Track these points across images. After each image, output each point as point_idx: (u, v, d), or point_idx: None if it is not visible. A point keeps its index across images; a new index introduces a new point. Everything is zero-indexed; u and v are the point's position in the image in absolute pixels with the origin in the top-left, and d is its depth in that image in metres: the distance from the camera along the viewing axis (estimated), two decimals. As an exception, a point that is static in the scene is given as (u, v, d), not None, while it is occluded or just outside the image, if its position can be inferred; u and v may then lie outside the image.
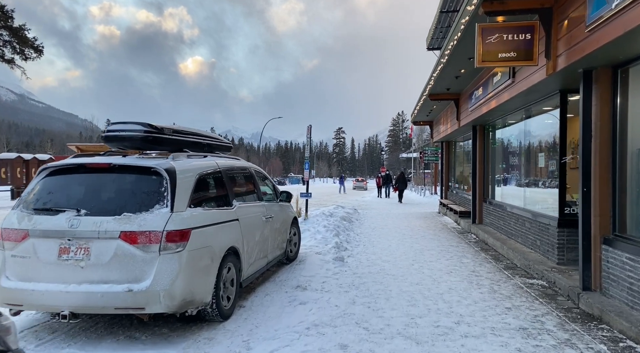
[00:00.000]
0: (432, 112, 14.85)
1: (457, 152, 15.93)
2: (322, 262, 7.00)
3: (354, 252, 8.13)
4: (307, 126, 10.45)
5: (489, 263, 7.26)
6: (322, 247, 8.16)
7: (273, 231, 6.10)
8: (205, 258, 4.09)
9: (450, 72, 8.85)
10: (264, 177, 6.57)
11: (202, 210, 4.24)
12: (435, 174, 30.57)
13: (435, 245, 9.11)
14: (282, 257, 6.75)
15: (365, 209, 18.42)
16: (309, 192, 10.52)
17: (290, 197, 6.86)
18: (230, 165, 5.23)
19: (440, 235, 10.64)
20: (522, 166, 8.07)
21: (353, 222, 12.75)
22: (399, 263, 7.18)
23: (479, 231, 10.06)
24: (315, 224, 9.91)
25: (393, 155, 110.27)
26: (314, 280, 5.96)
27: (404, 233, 10.83)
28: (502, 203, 9.24)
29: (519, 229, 7.98)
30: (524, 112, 7.90)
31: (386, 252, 8.27)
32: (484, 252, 8.25)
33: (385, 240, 9.79)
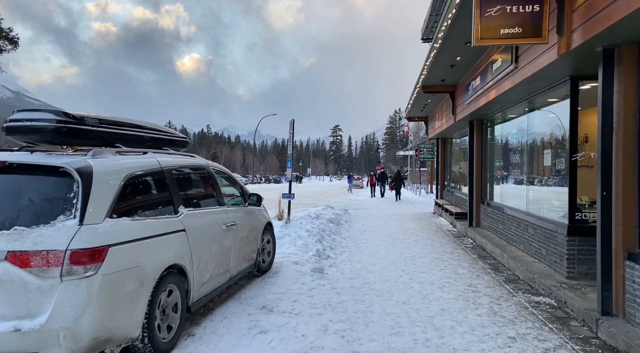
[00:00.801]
0: (427, 107, 14.00)
1: (453, 150, 15.09)
2: (298, 274, 6.14)
3: (337, 261, 7.28)
4: (290, 121, 9.59)
5: (487, 274, 6.42)
6: (301, 255, 7.31)
7: (238, 241, 5.24)
8: (131, 282, 3.22)
9: (444, 60, 7.99)
10: (228, 178, 5.70)
11: (130, 221, 3.37)
12: (431, 172, 29.75)
13: (428, 251, 8.27)
14: (252, 269, 5.90)
15: (357, 209, 17.58)
16: (292, 192, 9.66)
17: (260, 200, 5.99)
18: (178, 164, 4.36)
19: (434, 239, 9.80)
20: (525, 164, 7.23)
21: (341, 224, 11.90)
22: (386, 275, 6.33)
23: (476, 235, 9.22)
24: (298, 228, 9.06)
25: (390, 153, 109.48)
26: (284, 298, 5.10)
27: (395, 237, 9.98)
28: (502, 205, 8.40)
29: (520, 235, 7.14)
30: (526, 105, 7.06)
31: (373, 260, 7.42)
32: (482, 261, 7.41)
33: (374, 245, 8.94)
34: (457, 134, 13.85)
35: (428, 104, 13.38)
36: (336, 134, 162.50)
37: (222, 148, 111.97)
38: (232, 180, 5.74)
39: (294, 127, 9.58)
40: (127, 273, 3.18)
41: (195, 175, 4.82)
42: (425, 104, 13.41)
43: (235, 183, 5.80)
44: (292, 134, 9.57)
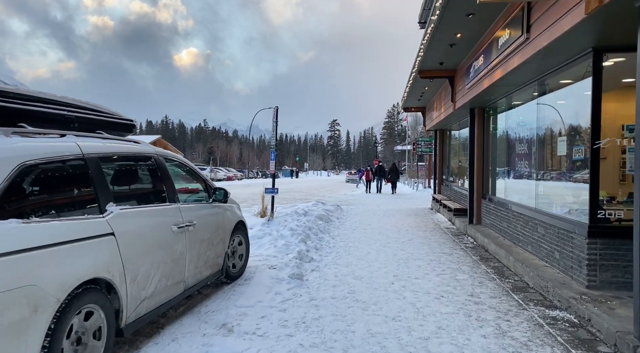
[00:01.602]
0: (424, 96, 13.13)
1: (452, 142, 14.23)
2: (273, 282, 5.29)
3: (321, 264, 6.44)
4: (273, 108, 8.72)
5: (491, 281, 5.58)
6: (280, 257, 6.46)
7: (196, 244, 4.39)
8: (16, 308, 2.37)
9: (443, 38, 7.12)
10: (189, 170, 4.84)
11: (20, 225, 2.51)
12: (429, 167, 28.92)
13: (424, 252, 7.44)
14: (218, 275, 5.06)
15: (350, 205, 16.74)
16: (275, 187, 8.80)
17: (226, 195, 5.14)
18: (109, 151, 3.50)
19: (431, 237, 8.96)
20: (533, 155, 6.38)
21: (332, 221, 11.06)
22: (376, 281, 5.49)
23: (477, 234, 8.39)
24: (281, 226, 8.21)
25: (388, 147, 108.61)
26: (250, 314, 4.27)
27: (389, 236, 9.14)
28: (506, 201, 7.57)
29: (528, 235, 6.31)
30: (536, 87, 6.20)
31: (363, 262, 6.59)
32: (485, 263, 6.58)
33: (365, 245, 8.11)
34: (456, 125, 12.99)
35: (425, 92, 12.50)
36: (334, 128, 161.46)
37: (218, 142, 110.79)
38: (193, 172, 4.88)
39: (277, 116, 8.71)
40: (8, 297, 2.33)
41: (136, 166, 3.96)
42: (423, 93, 12.54)
43: (197, 177, 4.94)
44: (275, 123, 8.70)
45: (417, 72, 9.50)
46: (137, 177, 3.94)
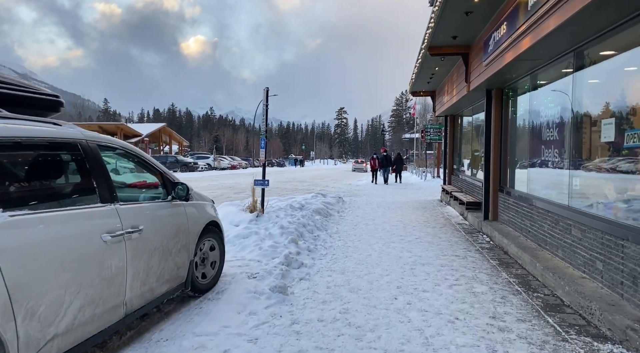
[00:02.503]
0: (434, 78, 12.00)
1: (463, 129, 13.12)
2: (250, 297, 4.34)
3: (312, 271, 5.48)
4: (264, 89, 7.71)
5: (516, 295, 4.59)
6: (265, 262, 5.52)
7: (144, 255, 3.44)
8: None
9: (458, 3, 6.03)
10: (139, 160, 3.86)
11: None
12: (438, 155, 27.77)
13: (433, 254, 6.45)
14: (179, 290, 4.12)
15: (354, 196, 15.75)
16: (266, 179, 7.83)
17: (188, 192, 4.15)
18: (7, 136, 2.52)
19: (441, 236, 7.96)
20: (567, 142, 5.32)
21: (331, 215, 10.09)
22: (375, 295, 4.53)
23: (493, 232, 7.38)
24: (271, 223, 7.25)
25: (396, 135, 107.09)
26: (209, 346, 3.32)
27: (394, 233, 8.16)
28: (530, 196, 6.53)
29: (559, 237, 5.29)
30: (572, 59, 5.12)
31: (362, 268, 5.62)
32: (506, 270, 5.58)
33: (366, 244, 7.14)
34: (468, 110, 11.88)
35: (436, 74, 11.38)
36: (341, 116, 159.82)
37: (224, 131, 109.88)
38: (144, 163, 3.91)
39: (267, 98, 7.69)
40: None
41: (51, 156, 2.99)
42: (433, 74, 11.42)
43: (151, 169, 3.97)
44: (266, 106, 7.69)
45: (426, 48, 8.40)
46: (50, 171, 2.98)
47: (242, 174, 33.59)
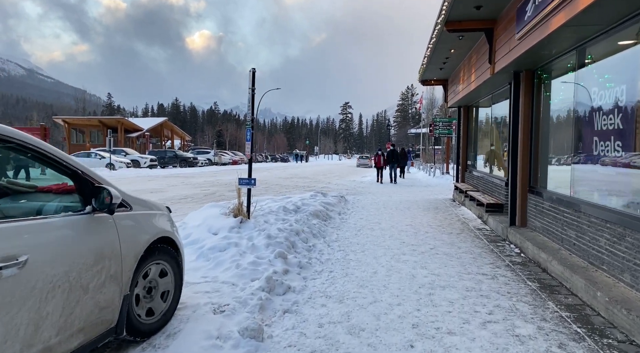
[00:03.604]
0: (448, 63, 10.69)
1: (480, 121, 11.81)
2: (209, 346, 3.12)
3: (301, 298, 4.26)
4: (249, 70, 6.46)
5: (579, 341, 3.33)
6: (240, 287, 4.29)
7: (31, 300, 2.23)
8: None
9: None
10: (36, 155, 2.61)
11: None
12: (447, 150, 26.41)
13: (454, 271, 5.21)
14: (107, 337, 2.90)
15: (358, 194, 14.50)
16: (252, 177, 6.59)
17: (111, 200, 2.88)
18: None
19: (460, 245, 6.71)
20: (632, 132, 4.04)
21: (331, 219, 8.85)
22: (383, 342, 3.30)
23: (524, 242, 6.13)
24: (257, 231, 6.02)
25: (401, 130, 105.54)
26: None
27: (404, 241, 6.92)
28: (575, 200, 5.26)
29: (626, 257, 4.02)
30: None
31: (366, 293, 4.39)
32: (551, 297, 4.33)
33: (371, 257, 5.91)
34: (486, 100, 10.57)
35: (450, 57, 10.07)
36: (346, 111, 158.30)
37: (227, 126, 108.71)
38: (47, 159, 2.67)
39: (253, 81, 6.45)
40: None
41: None
42: (447, 58, 10.11)
43: (57, 165, 2.73)
44: (252, 91, 6.44)
45: (443, 23, 7.11)
46: None
47: (243, 170, 32.38)
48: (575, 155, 5.36)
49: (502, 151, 9.22)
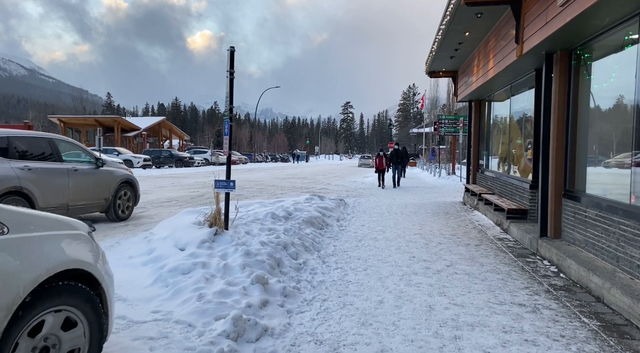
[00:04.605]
0: (461, 50, 9.52)
1: (495, 116, 10.64)
2: None
3: (279, 347, 3.10)
4: (227, 49, 5.31)
5: None
6: (197, 331, 3.14)
7: None
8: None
9: None
10: None
11: None
12: (453, 149, 25.22)
13: (482, 300, 4.06)
14: None
15: (359, 197, 13.34)
16: (231, 179, 5.44)
17: None
18: None
19: (483, 262, 5.55)
20: None
21: (328, 226, 7.69)
22: None
23: (564, 259, 4.97)
24: (233, 246, 4.87)
25: (403, 130, 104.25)
26: None
27: (414, 256, 5.77)
28: (634, 209, 4.10)
29: None
30: None
31: (369, 336, 3.25)
32: (622, 344, 3.17)
33: (375, 278, 4.76)
34: (503, 91, 9.42)
35: (464, 43, 8.91)
36: (347, 111, 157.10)
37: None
38: None
39: (232, 62, 5.30)
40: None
41: None
42: (460, 43, 8.95)
43: None
44: (230, 74, 5.30)
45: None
46: None
47: (240, 170, 31.27)
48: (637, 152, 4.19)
49: (524, 149, 8.07)
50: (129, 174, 8.57)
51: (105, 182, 7.87)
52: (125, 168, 8.99)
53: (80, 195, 7.27)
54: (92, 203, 7.61)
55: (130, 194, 8.49)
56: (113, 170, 8.15)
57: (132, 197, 8.57)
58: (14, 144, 6.44)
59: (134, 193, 8.58)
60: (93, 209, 7.72)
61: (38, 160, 6.69)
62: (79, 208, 7.30)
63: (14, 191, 6.15)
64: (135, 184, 8.67)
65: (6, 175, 6.03)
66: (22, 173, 6.28)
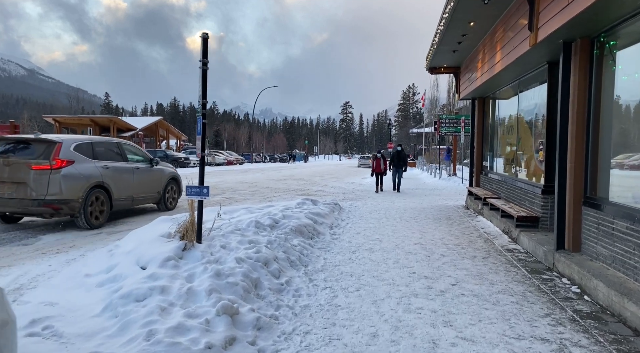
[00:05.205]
0: (465, 43, 8.82)
1: (500, 114, 9.95)
2: None
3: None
4: (200, 36, 4.58)
5: None
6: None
7: None
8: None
9: None
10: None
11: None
12: (454, 149, 24.54)
13: (496, 333, 3.37)
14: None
15: (356, 200, 12.64)
16: (204, 186, 4.72)
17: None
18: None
19: (493, 279, 4.86)
20: None
21: (320, 235, 6.99)
22: None
23: (589, 279, 4.28)
24: (203, 264, 4.17)
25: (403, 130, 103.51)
26: None
27: (414, 271, 5.07)
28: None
29: None
30: None
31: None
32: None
33: (368, 304, 4.07)
34: (510, 86, 8.73)
35: (468, 35, 8.21)
36: (346, 111, 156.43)
37: (225, 125, 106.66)
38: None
39: (206, 51, 4.59)
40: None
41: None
42: (464, 35, 8.25)
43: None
44: (203, 64, 4.60)
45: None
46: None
47: (235, 171, 30.59)
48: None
49: (534, 150, 7.38)
50: (174, 172, 10.20)
51: (158, 178, 9.36)
52: (172, 167, 10.49)
53: (141, 188, 8.73)
54: (148, 196, 9.08)
55: (176, 188, 10.13)
56: (163, 169, 9.70)
57: (177, 190, 10.18)
58: (95, 147, 7.87)
59: (178, 187, 10.18)
60: (149, 201, 9.22)
61: (112, 161, 8.07)
62: (140, 200, 8.81)
63: (98, 185, 7.52)
64: (179, 180, 10.19)
65: (93, 173, 7.49)
66: (103, 171, 7.67)
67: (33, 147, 7.17)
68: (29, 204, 6.80)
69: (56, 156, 7.02)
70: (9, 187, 6.90)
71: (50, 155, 6.98)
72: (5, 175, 6.91)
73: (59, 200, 6.91)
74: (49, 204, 6.87)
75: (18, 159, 6.99)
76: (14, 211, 7.11)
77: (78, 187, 7.08)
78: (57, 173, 6.92)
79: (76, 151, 7.42)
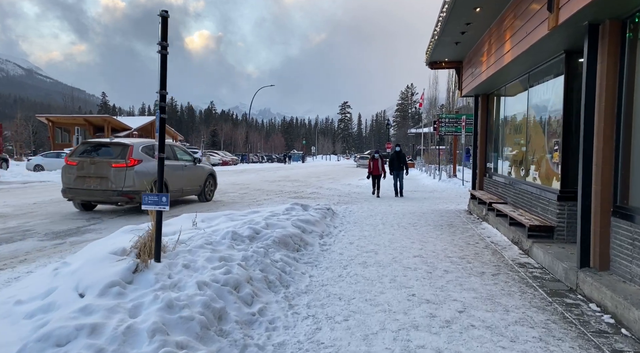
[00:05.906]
0: (468, 33, 8.06)
1: (507, 111, 9.18)
2: None
3: None
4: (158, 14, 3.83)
5: None
6: None
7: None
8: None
9: None
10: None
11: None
12: (454, 150, 23.77)
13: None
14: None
15: (351, 203, 11.87)
16: (163, 193, 3.95)
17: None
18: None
19: (507, 304, 4.09)
20: None
21: (307, 246, 6.21)
22: None
23: (629, 309, 3.52)
24: (156, 291, 3.40)
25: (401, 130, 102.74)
26: None
27: (413, 294, 4.31)
28: None
29: None
30: None
31: None
32: None
33: (359, 340, 3.30)
34: (518, 81, 7.98)
35: (472, 24, 7.45)
36: (345, 111, 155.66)
37: (222, 125, 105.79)
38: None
39: (165, 32, 3.83)
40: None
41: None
42: (468, 24, 7.48)
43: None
44: (162, 47, 3.84)
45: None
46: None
47: (228, 171, 29.82)
48: None
49: (547, 151, 6.62)
50: (212, 169, 12.21)
51: (200, 174, 11.24)
52: (210, 164, 12.62)
53: (188, 182, 10.64)
54: (193, 189, 10.96)
55: (212, 183, 12.00)
56: (203, 166, 11.62)
57: (214, 184, 12.13)
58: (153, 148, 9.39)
59: (214, 182, 12.15)
60: (193, 193, 11.14)
61: (167, 159, 8.98)
62: (187, 191, 10.76)
63: None
64: (215, 176, 12.21)
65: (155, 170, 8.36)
66: None
67: (110, 149, 9.10)
68: (111, 194, 8.66)
69: (130, 156, 8.82)
70: (95, 181, 8.78)
71: (126, 155, 8.81)
72: (91, 171, 8.80)
73: (132, 191, 8.65)
74: (125, 194, 8.67)
75: (101, 159, 8.93)
76: (98, 200, 9.05)
77: (146, 180, 8.07)
78: (131, 169, 8.71)
79: (143, 152, 9.20)
